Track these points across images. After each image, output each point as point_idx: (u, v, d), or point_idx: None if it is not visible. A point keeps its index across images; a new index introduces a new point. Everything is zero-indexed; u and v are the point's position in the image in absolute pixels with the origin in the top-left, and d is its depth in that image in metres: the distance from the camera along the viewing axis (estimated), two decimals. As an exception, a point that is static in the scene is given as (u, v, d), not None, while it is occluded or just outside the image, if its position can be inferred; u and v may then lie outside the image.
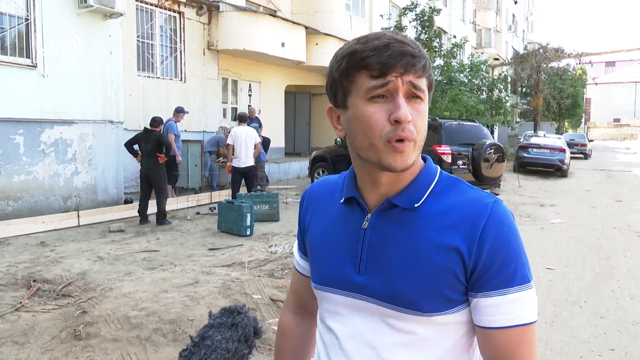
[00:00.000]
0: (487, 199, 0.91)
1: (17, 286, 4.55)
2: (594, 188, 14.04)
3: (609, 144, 42.42)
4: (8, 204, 7.28)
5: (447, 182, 0.96)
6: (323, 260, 1.01)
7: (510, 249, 0.88)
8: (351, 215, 0.99)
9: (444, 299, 0.89)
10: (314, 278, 1.04)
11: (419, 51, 0.88)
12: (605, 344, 3.78)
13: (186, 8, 11.72)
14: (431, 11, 15.72)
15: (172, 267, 5.27)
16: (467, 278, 0.89)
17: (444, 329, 0.91)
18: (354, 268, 0.95)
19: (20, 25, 7.48)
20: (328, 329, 1.01)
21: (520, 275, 0.88)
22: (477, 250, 0.87)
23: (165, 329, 3.65)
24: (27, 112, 7.45)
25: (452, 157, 8.79)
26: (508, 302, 0.87)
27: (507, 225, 0.89)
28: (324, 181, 1.12)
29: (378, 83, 0.86)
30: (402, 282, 0.90)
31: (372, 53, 0.86)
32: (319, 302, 1.05)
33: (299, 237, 1.15)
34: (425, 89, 0.89)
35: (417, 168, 0.96)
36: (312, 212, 1.09)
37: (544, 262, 6.06)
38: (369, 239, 0.94)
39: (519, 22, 44.03)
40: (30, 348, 3.35)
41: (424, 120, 0.90)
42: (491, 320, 0.88)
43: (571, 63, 32.53)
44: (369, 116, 0.87)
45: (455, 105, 16.08)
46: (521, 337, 0.89)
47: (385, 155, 0.87)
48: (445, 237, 0.89)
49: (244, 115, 9.02)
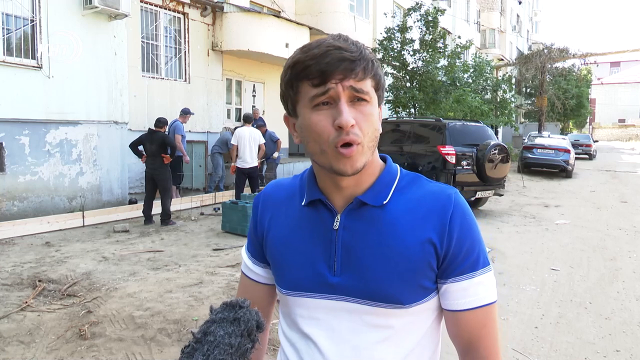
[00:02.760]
0: (448, 190, 0.97)
1: (22, 286, 4.58)
2: (598, 189, 13.99)
3: (614, 145, 42.26)
4: (14, 204, 7.32)
5: (408, 178, 1.00)
6: (293, 265, 0.99)
7: (473, 236, 0.94)
8: (317, 217, 0.98)
9: (421, 289, 0.93)
10: (282, 284, 1.01)
11: (360, 54, 0.88)
12: (611, 346, 3.77)
13: (190, 9, 11.74)
14: (435, 11, 15.69)
15: (177, 268, 5.28)
16: (439, 266, 0.93)
17: (418, 318, 0.95)
18: (329, 269, 0.95)
19: (26, 26, 7.52)
20: (302, 334, 0.99)
21: (483, 259, 0.95)
22: (448, 239, 0.92)
23: (170, 328, 3.66)
24: (32, 112, 7.48)
25: (456, 157, 8.76)
26: (474, 285, 0.93)
27: (468, 214, 0.95)
28: (278, 184, 1.11)
29: (320, 91, 0.87)
30: (381, 279, 0.91)
31: (311, 62, 0.87)
32: (287, 307, 1.03)
33: (253, 243, 1.11)
34: (369, 90, 0.89)
35: (377, 167, 0.98)
36: (270, 216, 1.06)
37: (549, 263, 6.04)
38: (341, 239, 0.95)
39: (523, 22, 43.91)
40: (35, 347, 3.36)
41: (371, 122, 0.90)
42: (460, 303, 0.94)
43: (576, 63, 32.40)
44: (315, 124, 0.88)
45: (460, 105, 16.03)
46: (487, 316, 0.95)
47: (335, 160, 0.89)
48: (417, 230, 0.93)
49: (248, 116, 9.03)
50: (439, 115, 14.15)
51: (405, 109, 15.89)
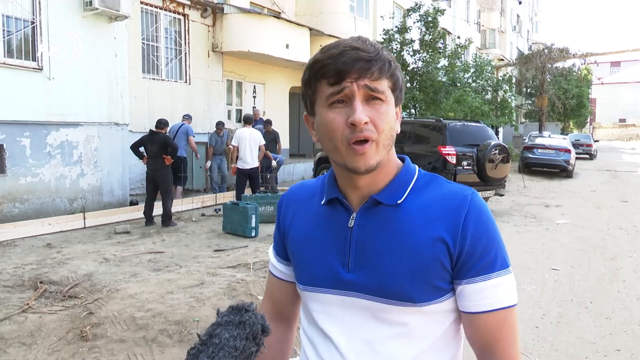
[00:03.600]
0: (465, 191, 0.96)
1: (24, 288, 4.58)
2: (599, 188, 13.99)
3: (615, 145, 42.24)
4: (15, 205, 7.33)
5: (427, 178, 1.01)
6: (309, 261, 1.02)
7: (490, 237, 0.93)
8: (335, 215, 1.01)
9: (434, 289, 0.93)
10: (301, 280, 1.05)
11: (376, 54, 0.90)
12: (611, 345, 3.77)
13: (191, 10, 11.76)
14: (435, 12, 15.70)
15: (178, 269, 5.29)
16: (453, 266, 0.93)
17: (433, 318, 0.95)
18: (343, 266, 0.97)
19: (26, 28, 7.53)
20: (318, 329, 1.02)
21: (501, 261, 0.93)
22: (461, 239, 0.91)
23: (171, 329, 3.67)
24: (33, 114, 7.49)
25: (456, 158, 8.76)
26: (491, 287, 0.92)
27: (485, 214, 0.94)
28: (302, 185, 1.15)
29: (335, 90, 0.90)
30: (393, 276, 0.93)
31: (329, 61, 0.90)
32: (306, 303, 1.06)
33: (277, 241, 1.16)
34: (385, 90, 0.91)
35: (393, 167, 1.00)
36: (292, 215, 1.10)
37: (550, 263, 6.04)
38: (356, 236, 0.97)
39: (523, 22, 43.91)
40: (37, 349, 3.37)
41: (386, 121, 0.91)
42: (476, 305, 0.93)
43: (576, 63, 32.41)
44: (330, 121, 0.91)
45: (460, 106, 16.04)
46: (504, 320, 0.94)
47: (349, 158, 0.91)
48: (430, 229, 0.93)
49: (249, 117, 9.04)
50: (439, 115, 14.14)
51: (406, 110, 15.90)
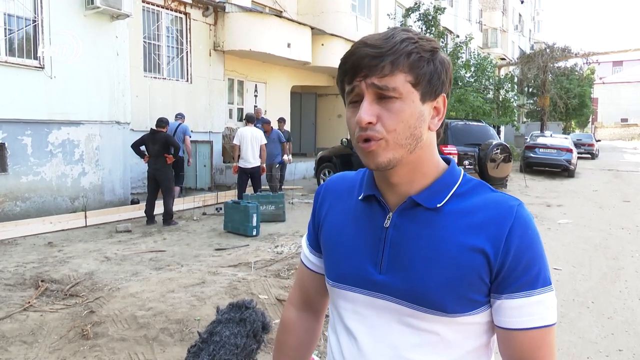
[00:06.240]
0: (511, 202, 0.91)
1: (25, 286, 4.59)
2: (601, 188, 13.96)
3: (617, 144, 42.17)
4: (16, 204, 7.33)
5: (471, 184, 0.96)
6: (341, 258, 1.00)
7: (534, 252, 0.88)
8: (371, 213, 0.98)
9: (468, 300, 0.89)
10: (330, 275, 1.02)
11: (389, 49, 0.85)
12: (613, 345, 3.76)
13: (192, 9, 11.75)
14: (435, 10, 15.68)
15: (179, 267, 5.29)
16: (492, 279, 0.88)
17: (465, 329, 0.91)
18: (375, 267, 0.94)
19: (28, 26, 7.53)
20: (345, 327, 1.00)
21: (543, 278, 0.89)
22: (504, 252, 0.87)
23: (172, 328, 3.66)
24: (34, 113, 7.49)
25: (458, 157, 8.76)
26: (531, 303, 0.88)
27: (531, 228, 0.89)
28: (342, 177, 1.11)
29: (349, 89, 0.89)
30: (426, 282, 0.89)
31: (344, 61, 0.90)
32: (333, 299, 1.03)
33: (311, 232, 1.14)
34: (398, 86, 0.85)
35: (433, 168, 0.95)
36: (328, 206, 1.08)
37: (551, 263, 6.03)
38: (391, 237, 0.94)
39: (525, 21, 43.85)
40: (38, 347, 3.37)
41: (399, 119, 0.86)
42: (514, 322, 0.89)
43: (578, 63, 32.33)
44: (348, 120, 0.92)
45: (462, 105, 16.02)
46: (543, 339, 0.89)
47: (361, 155, 0.91)
48: (470, 238, 0.89)
49: (251, 116, 9.03)
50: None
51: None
